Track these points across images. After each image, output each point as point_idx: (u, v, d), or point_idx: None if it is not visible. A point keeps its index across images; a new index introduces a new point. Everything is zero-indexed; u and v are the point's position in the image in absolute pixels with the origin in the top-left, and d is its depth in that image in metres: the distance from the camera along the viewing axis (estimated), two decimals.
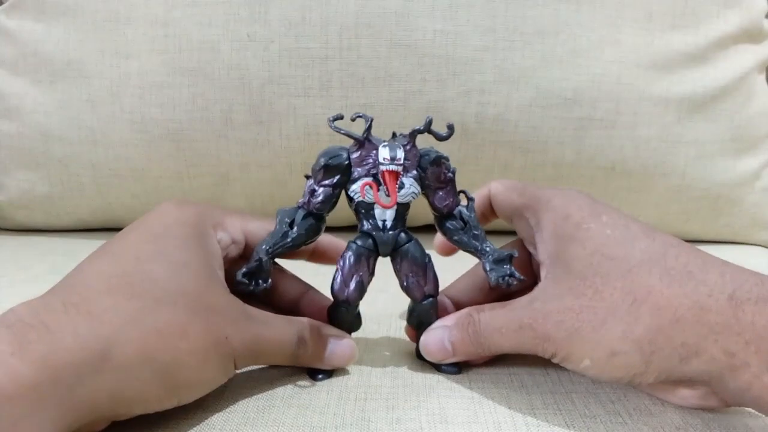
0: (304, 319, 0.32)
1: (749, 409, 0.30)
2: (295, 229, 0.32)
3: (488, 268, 0.32)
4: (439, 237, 0.35)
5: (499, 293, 0.33)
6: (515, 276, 0.31)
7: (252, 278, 0.31)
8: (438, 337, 0.32)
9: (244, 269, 0.31)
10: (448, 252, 0.36)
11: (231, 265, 0.32)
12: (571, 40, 0.56)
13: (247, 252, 0.33)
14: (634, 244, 0.28)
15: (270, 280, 0.32)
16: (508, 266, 0.31)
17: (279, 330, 0.31)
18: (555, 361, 0.29)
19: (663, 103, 0.58)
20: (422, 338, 0.33)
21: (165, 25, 0.56)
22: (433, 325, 0.33)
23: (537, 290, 0.30)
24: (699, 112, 0.59)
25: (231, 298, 0.29)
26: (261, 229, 0.33)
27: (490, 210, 0.35)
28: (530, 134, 0.58)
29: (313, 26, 0.55)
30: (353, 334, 0.34)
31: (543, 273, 0.31)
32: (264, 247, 0.31)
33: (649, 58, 0.58)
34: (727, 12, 0.60)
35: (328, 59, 0.55)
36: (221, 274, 0.30)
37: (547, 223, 0.31)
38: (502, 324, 0.30)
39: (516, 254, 0.32)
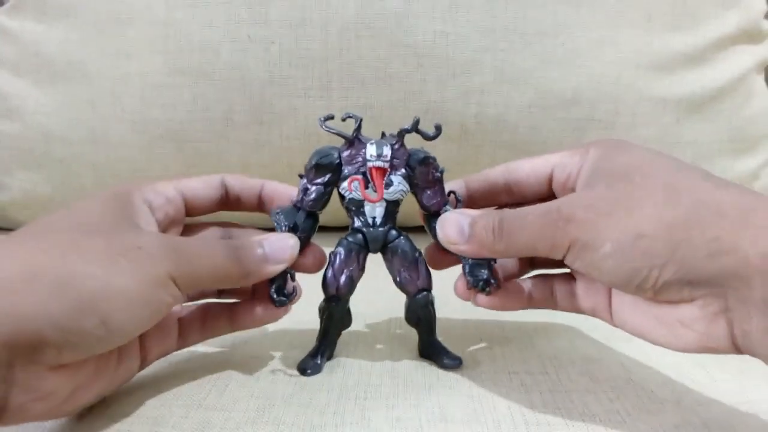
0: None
1: (750, 408, 0.30)
2: (298, 232, 0.32)
3: (467, 271, 0.32)
4: (429, 249, 0.34)
5: None
6: (491, 282, 0.31)
7: (282, 291, 0.32)
8: (457, 218, 0.30)
9: (273, 288, 0.32)
10: (437, 265, 0.35)
11: (171, 224, 0.33)
12: (570, 40, 0.57)
13: (188, 209, 0.34)
14: (680, 161, 0.28)
15: (296, 287, 0.33)
16: (485, 271, 0.32)
17: (202, 232, 0.31)
18: (571, 256, 0.27)
19: (662, 103, 0.58)
20: (441, 216, 0.31)
21: (166, 26, 0.56)
22: (460, 210, 0.32)
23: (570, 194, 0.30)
24: (698, 112, 0.59)
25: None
26: (198, 183, 0.34)
27: (504, 189, 0.34)
28: (530, 135, 0.58)
29: (313, 27, 0.55)
30: (347, 330, 0.35)
31: (578, 184, 0.30)
32: None
33: (648, 58, 0.58)
34: (726, 13, 0.60)
35: (328, 59, 0.56)
36: (151, 228, 0.31)
37: (593, 154, 0.30)
38: (530, 211, 0.28)
39: (494, 261, 0.32)
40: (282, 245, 0.31)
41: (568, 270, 0.33)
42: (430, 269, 0.34)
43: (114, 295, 0.25)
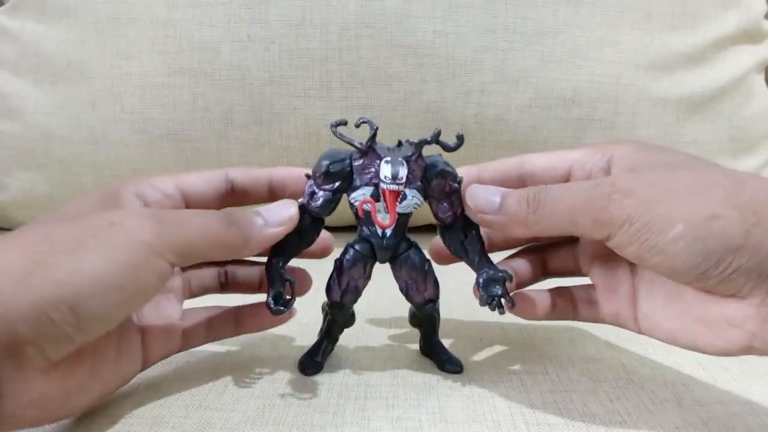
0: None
1: (751, 408, 0.30)
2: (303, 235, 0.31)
3: (480, 286, 0.30)
4: (433, 244, 0.34)
5: None
6: (506, 298, 0.30)
7: (280, 299, 0.31)
8: (489, 188, 0.29)
9: (271, 295, 0.30)
10: (441, 261, 0.34)
11: None
12: (570, 40, 0.57)
13: (188, 206, 0.32)
14: (718, 164, 0.28)
15: (295, 295, 0.31)
16: (499, 287, 0.30)
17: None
18: (623, 236, 0.25)
19: (662, 103, 0.58)
20: (471, 187, 0.30)
21: (166, 26, 0.56)
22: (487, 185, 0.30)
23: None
24: (698, 112, 0.59)
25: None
26: (199, 178, 0.32)
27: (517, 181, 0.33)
28: (530, 134, 0.58)
29: (313, 26, 0.55)
30: (348, 330, 0.34)
31: (616, 172, 0.29)
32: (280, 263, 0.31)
33: (648, 58, 0.58)
34: (726, 13, 0.60)
35: (328, 59, 0.56)
36: None
37: (624, 151, 0.29)
38: (574, 185, 0.27)
39: (511, 277, 0.30)
40: (281, 210, 0.29)
41: (587, 281, 0.32)
42: (437, 271, 0.32)
43: (82, 280, 0.23)
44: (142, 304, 0.26)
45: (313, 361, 0.33)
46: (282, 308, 0.30)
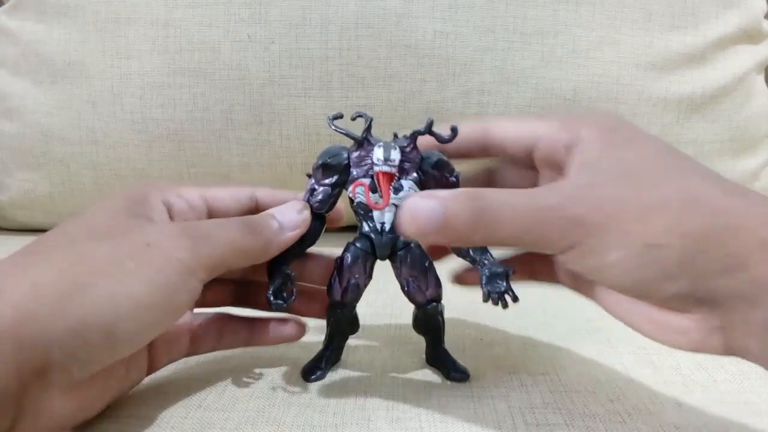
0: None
1: (750, 409, 0.30)
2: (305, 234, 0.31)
3: (483, 282, 0.30)
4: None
5: None
6: (510, 294, 0.29)
7: (280, 294, 0.31)
8: (427, 204, 0.25)
9: (271, 289, 0.30)
10: (434, 254, 0.33)
11: None
12: (570, 40, 0.57)
13: (211, 218, 0.32)
14: (687, 160, 0.27)
15: (295, 291, 0.31)
16: (503, 282, 0.29)
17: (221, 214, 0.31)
18: (568, 256, 0.25)
19: (662, 103, 0.58)
20: (410, 201, 0.25)
21: (166, 26, 0.56)
22: (427, 193, 0.26)
23: (566, 180, 0.26)
24: (698, 112, 0.59)
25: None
26: (225, 193, 0.32)
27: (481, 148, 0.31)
28: None
29: (313, 26, 0.55)
30: (351, 338, 0.34)
31: (574, 172, 0.27)
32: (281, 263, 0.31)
33: (649, 58, 0.58)
34: (726, 12, 0.60)
35: (328, 59, 0.56)
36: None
37: (589, 133, 0.27)
38: (520, 202, 0.25)
39: (512, 272, 0.30)
40: (293, 213, 0.30)
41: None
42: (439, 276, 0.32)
43: (120, 303, 0.23)
44: (172, 323, 0.27)
45: (317, 369, 0.33)
46: (281, 302, 0.30)
